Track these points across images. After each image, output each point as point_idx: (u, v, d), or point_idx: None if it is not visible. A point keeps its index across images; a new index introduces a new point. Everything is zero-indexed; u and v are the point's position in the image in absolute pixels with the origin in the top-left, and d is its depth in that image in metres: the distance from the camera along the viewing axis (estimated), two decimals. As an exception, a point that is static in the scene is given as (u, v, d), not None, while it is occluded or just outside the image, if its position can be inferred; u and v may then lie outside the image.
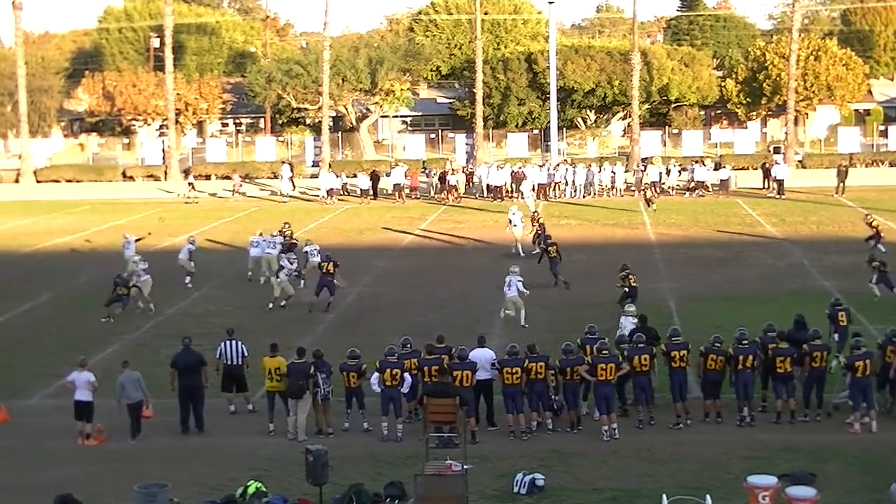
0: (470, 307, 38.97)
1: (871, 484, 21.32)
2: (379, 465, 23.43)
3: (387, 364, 25.43)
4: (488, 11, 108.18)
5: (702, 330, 28.72)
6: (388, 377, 25.27)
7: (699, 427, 25.54)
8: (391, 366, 25.36)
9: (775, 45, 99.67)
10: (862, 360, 24.98)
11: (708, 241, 52.05)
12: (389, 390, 25.31)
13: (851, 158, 78.95)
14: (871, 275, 38.12)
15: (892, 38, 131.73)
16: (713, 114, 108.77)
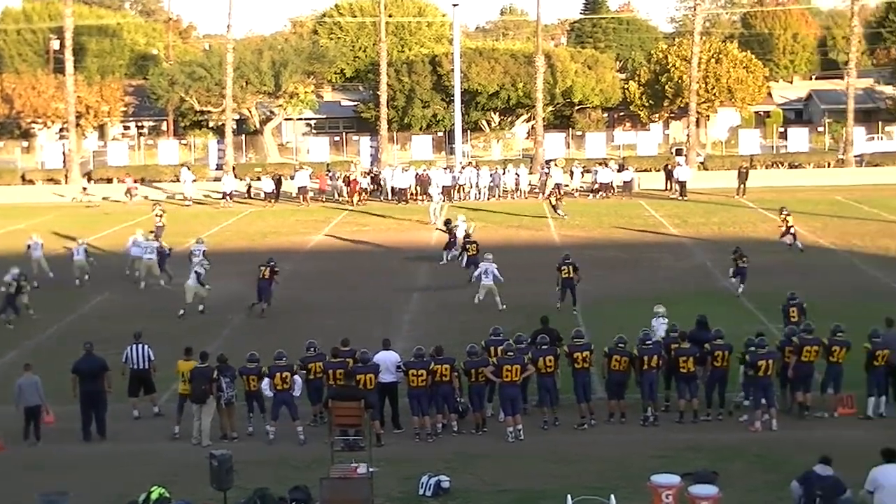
0: (377, 310, 38.86)
1: (773, 482, 21.54)
2: (284, 468, 23.27)
3: (277, 368, 25.28)
4: (392, 14, 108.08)
5: (606, 331, 28.83)
6: (279, 381, 25.13)
7: (604, 427, 25.67)
8: (281, 369, 25.21)
9: (677, 48, 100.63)
10: (765, 360, 25.24)
11: (611, 242, 52.37)
12: (281, 394, 25.17)
13: (752, 160, 79.93)
14: (732, 267, 39.99)
15: (791, 42, 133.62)
16: (616, 116, 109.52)
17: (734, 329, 30.41)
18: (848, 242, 50.35)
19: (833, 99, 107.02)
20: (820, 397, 26.28)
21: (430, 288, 42.68)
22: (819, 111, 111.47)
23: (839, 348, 25.88)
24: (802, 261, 46.34)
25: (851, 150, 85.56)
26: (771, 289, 40.09)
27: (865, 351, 25.82)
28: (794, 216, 53.07)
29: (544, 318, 28.65)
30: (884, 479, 18.15)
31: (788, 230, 47.76)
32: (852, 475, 19.44)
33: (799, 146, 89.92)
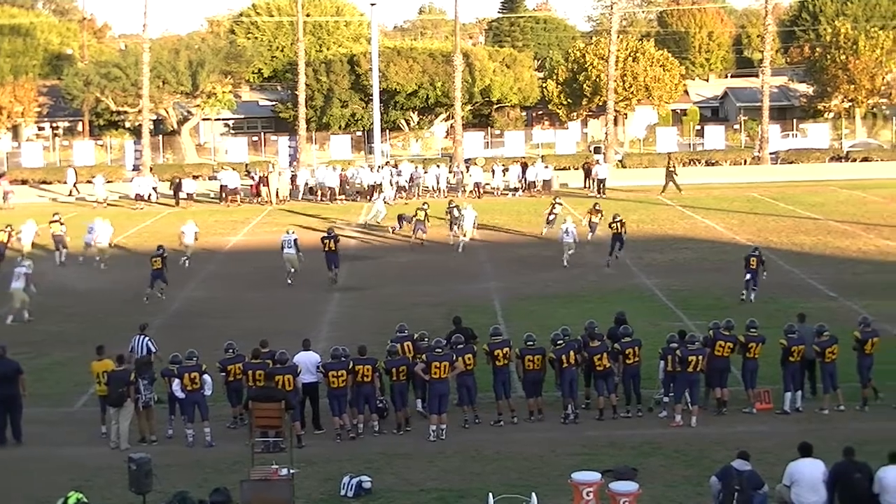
0: (297, 310, 38.72)
1: (692, 477, 21.73)
2: (204, 471, 23.11)
3: (185, 368, 25.10)
4: (310, 13, 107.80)
5: (527, 328, 28.91)
6: (188, 381, 24.96)
7: (525, 425, 25.74)
8: (189, 370, 25.04)
9: (594, 47, 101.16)
10: (696, 356, 25.44)
11: (532, 240, 52.52)
12: (192, 395, 25.01)
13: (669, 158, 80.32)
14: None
15: (707, 40, 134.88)
16: (535, 115, 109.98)
17: (654, 326, 30.69)
18: (764, 239, 50.84)
19: (748, 97, 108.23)
20: (745, 392, 26.53)
21: (351, 288, 42.59)
22: (735, 109, 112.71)
23: (755, 344, 26.13)
24: (719, 257, 46.80)
25: (767, 147, 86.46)
26: (688, 286, 40.66)
27: (781, 346, 26.07)
28: (711, 213, 53.60)
29: (456, 318, 28.66)
30: (800, 474, 18.39)
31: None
32: (770, 470, 19.69)
33: (715, 144, 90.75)
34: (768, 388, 26.42)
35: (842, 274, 42.53)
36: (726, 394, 26.22)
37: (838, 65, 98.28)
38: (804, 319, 27.92)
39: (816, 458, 18.66)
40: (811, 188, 68.88)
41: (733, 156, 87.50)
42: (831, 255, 46.96)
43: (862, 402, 26.19)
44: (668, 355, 25.82)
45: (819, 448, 19.17)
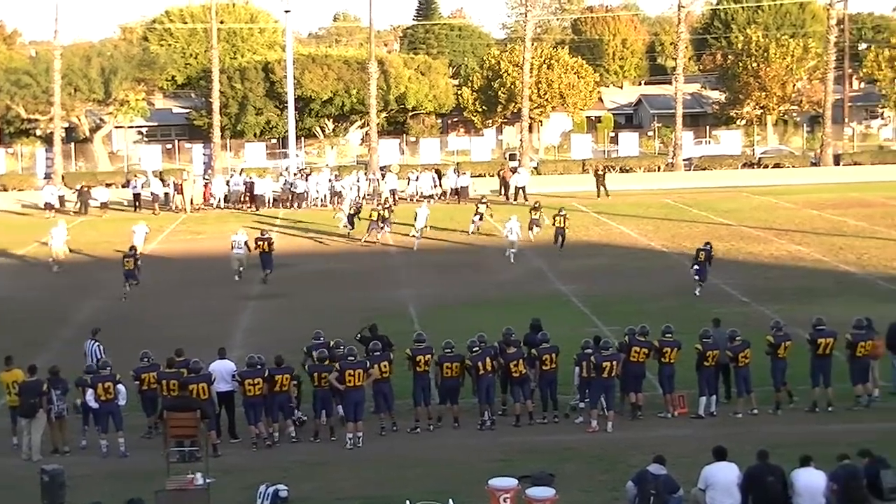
0: (213, 319, 38.45)
1: (608, 482, 21.82)
2: (118, 482, 22.83)
3: (98, 378, 24.83)
4: (224, 20, 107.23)
5: (443, 335, 28.90)
6: (102, 391, 24.68)
7: (441, 432, 25.74)
8: (102, 379, 24.77)
9: (509, 54, 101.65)
10: (609, 361, 25.56)
11: (449, 247, 52.57)
12: (106, 405, 24.73)
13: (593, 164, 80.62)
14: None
15: (621, 48, 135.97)
16: (450, 122, 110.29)
17: (569, 331, 30.80)
18: (678, 245, 51.28)
19: (662, 104, 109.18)
20: (661, 397, 26.70)
21: (268, 295, 42.40)
22: (648, 116, 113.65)
23: (670, 349, 26.31)
24: (634, 263, 47.14)
25: (680, 153, 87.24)
26: (604, 292, 40.88)
27: (696, 351, 26.27)
28: (626, 219, 53.94)
29: (373, 325, 28.60)
30: (715, 477, 18.54)
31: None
32: (685, 473, 19.83)
33: (629, 150, 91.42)
34: (683, 392, 26.60)
35: (754, 279, 42.96)
36: (641, 399, 26.39)
37: (750, 72, 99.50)
38: (719, 324, 28.16)
39: (731, 461, 18.82)
40: (724, 194, 69.53)
41: (647, 162, 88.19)
42: (744, 260, 47.43)
43: (775, 405, 26.46)
44: (582, 361, 25.93)
45: (733, 451, 19.34)
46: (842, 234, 53.27)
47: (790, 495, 18.38)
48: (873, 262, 45.75)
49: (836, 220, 58.22)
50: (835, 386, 26.56)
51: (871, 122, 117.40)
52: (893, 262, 45.73)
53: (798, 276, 43.60)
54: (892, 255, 47.07)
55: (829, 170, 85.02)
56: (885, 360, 27.72)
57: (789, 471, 18.60)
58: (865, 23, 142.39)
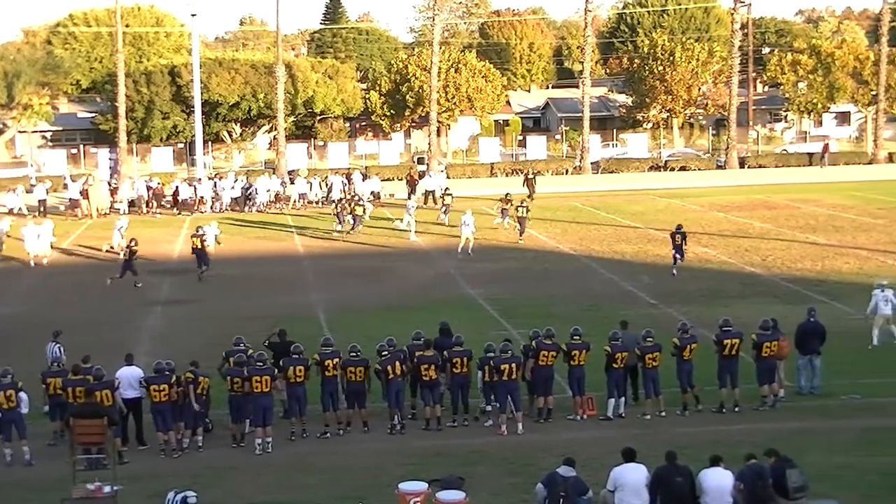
0: (122, 324, 38.05)
1: (518, 484, 21.85)
2: (23, 491, 22.53)
3: (0, 386, 24.43)
4: (129, 24, 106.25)
5: (352, 340, 28.76)
6: (4, 399, 24.29)
7: (352, 436, 25.63)
8: (4, 387, 24.36)
9: (417, 58, 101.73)
10: (508, 364, 25.59)
11: (358, 251, 52.50)
12: (8, 413, 24.32)
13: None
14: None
15: (528, 51, 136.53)
16: (358, 126, 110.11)
17: (477, 335, 30.80)
18: (586, 248, 51.59)
19: (569, 107, 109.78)
20: (571, 400, 26.77)
21: (176, 301, 42.05)
22: (556, 119, 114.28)
23: (578, 351, 26.40)
24: (543, 266, 47.34)
25: (588, 157, 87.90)
26: (511, 294, 41.05)
27: (605, 353, 26.39)
28: (535, 222, 54.18)
29: (282, 331, 28.41)
30: (623, 479, 18.61)
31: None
32: (594, 475, 19.92)
33: (537, 154, 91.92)
34: (592, 394, 26.71)
35: (662, 281, 43.30)
36: (551, 402, 26.45)
37: (656, 76, 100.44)
38: (626, 326, 28.31)
39: (640, 462, 18.91)
40: (631, 197, 70.08)
41: (555, 165, 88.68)
42: (651, 262, 47.79)
43: (682, 406, 26.64)
44: (485, 365, 25.96)
45: (642, 453, 19.44)
46: (747, 236, 53.88)
47: (698, 495, 18.51)
48: (778, 264, 46.30)
49: (742, 222, 58.89)
50: (742, 386, 26.80)
51: (774, 126, 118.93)
52: (798, 263, 46.33)
53: (705, 277, 44.02)
54: (797, 257, 47.68)
55: (734, 172, 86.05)
56: (791, 361, 28.03)
57: (697, 471, 18.73)
58: (769, 27, 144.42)
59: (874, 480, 21.76)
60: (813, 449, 23.41)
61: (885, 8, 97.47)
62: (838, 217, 58.87)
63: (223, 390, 25.68)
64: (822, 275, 43.81)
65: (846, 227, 55.72)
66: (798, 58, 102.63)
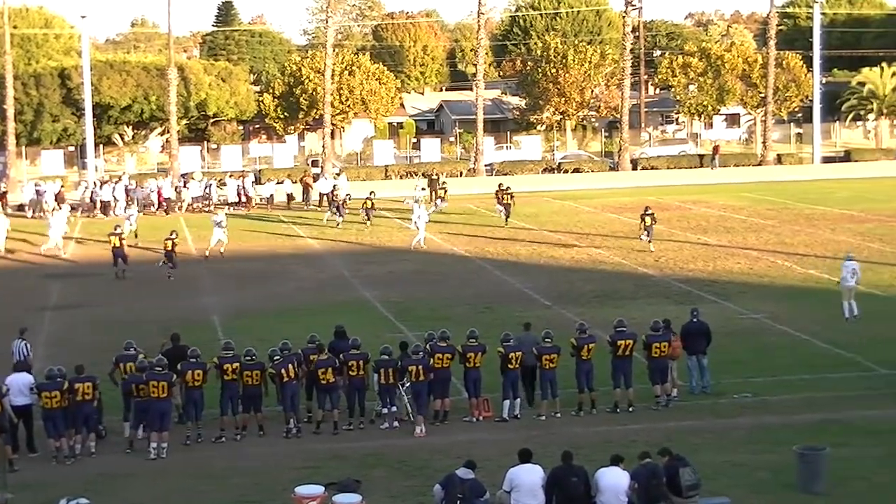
0: (10, 330, 37.36)
1: (415, 487, 21.86)
2: (-89, 502, 22.13)
3: None
4: (17, 25, 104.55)
5: (249, 343, 28.54)
6: None
7: (248, 440, 25.46)
8: None
9: (311, 60, 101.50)
10: (415, 365, 25.61)
11: (252, 255, 52.19)
12: None
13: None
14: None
15: (422, 54, 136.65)
16: (252, 128, 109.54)
17: (373, 338, 30.78)
18: (481, 249, 51.76)
19: (463, 110, 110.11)
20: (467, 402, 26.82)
21: (65, 306, 41.49)
22: (450, 121, 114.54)
23: (473, 353, 26.47)
24: (438, 268, 47.42)
25: (482, 159, 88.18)
26: (406, 297, 41.06)
27: (499, 354, 26.48)
28: (429, 224, 54.20)
29: (174, 335, 28.14)
30: (519, 479, 18.71)
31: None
32: (491, 477, 19.99)
33: (431, 156, 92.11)
34: (488, 396, 26.80)
35: (556, 283, 43.56)
36: (448, 404, 26.49)
37: (549, 78, 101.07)
38: (529, 328, 28.42)
39: (536, 463, 19.01)
40: (525, 199, 70.32)
41: (449, 168, 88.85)
42: (546, 264, 48.08)
43: (577, 406, 26.80)
44: (381, 368, 25.95)
45: (538, 454, 19.55)
46: (640, 237, 54.35)
47: (593, 495, 18.66)
48: (670, 265, 46.81)
49: (635, 223, 59.30)
50: (635, 387, 27.05)
51: (666, 128, 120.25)
52: (689, 264, 46.87)
53: (598, 279, 44.36)
54: (688, 257, 48.24)
55: (626, 174, 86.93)
56: (683, 361, 28.34)
57: (593, 471, 18.88)
58: (660, 30, 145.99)
59: (764, 477, 22.09)
60: (705, 447, 23.72)
61: (773, 12, 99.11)
62: (729, 218, 59.67)
63: (117, 396, 25.46)
64: (713, 275, 44.37)
65: (736, 227, 56.50)
66: (688, 61, 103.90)
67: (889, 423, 25.57)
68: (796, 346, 32.96)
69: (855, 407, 26.79)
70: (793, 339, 33.61)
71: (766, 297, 39.62)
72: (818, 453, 21.41)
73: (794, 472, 21.51)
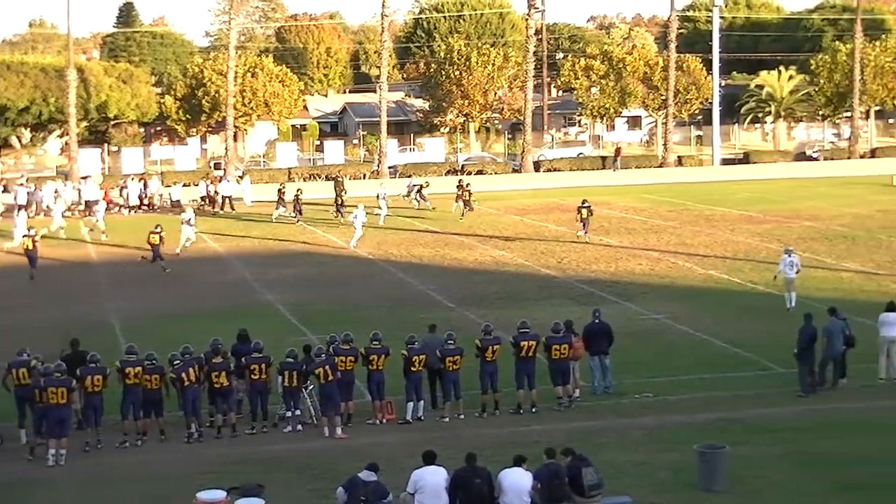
0: None
1: (319, 490, 21.78)
2: None
3: None
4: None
5: (150, 348, 28.29)
6: None
7: (149, 445, 25.23)
8: None
9: (213, 62, 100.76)
10: (322, 367, 25.51)
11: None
12: None
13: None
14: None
15: (325, 56, 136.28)
16: (153, 131, 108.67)
17: (276, 341, 30.64)
18: (384, 252, 51.72)
19: (367, 112, 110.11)
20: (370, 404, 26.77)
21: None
22: (354, 124, 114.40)
23: (377, 356, 26.43)
24: (340, 271, 47.33)
25: (385, 161, 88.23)
26: (309, 299, 40.93)
27: (402, 357, 26.47)
28: (332, 227, 54.07)
29: (74, 340, 27.78)
30: (423, 481, 18.70)
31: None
32: (394, 479, 19.97)
33: (335, 158, 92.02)
34: (391, 398, 26.77)
35: (460, 284, 43.63)
36: (351, 406, 26.44)
37: (452, 80, 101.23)
38: (434, 329, 28.41)
39: (440, 465, 19.02)
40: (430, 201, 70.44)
41: (353, 170, 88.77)
42: (449, 266, 48.16)
43: (481, 408, 26.85)
44: (285, 371, 25.85)
45: (442, 455, 19.56)
46: (543, 238, 54.67)
47: (497, 496, 18.70)
48: (573, 266, 47.08)
49: (538, 225, 59.78)
50: (539, 388, 27.16)
51: (569, 130, 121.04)
52: (592, 265, 47.18)
53: (502, 280, 44.51)
54: (590, 259, 48.55)
55: (529, 176, 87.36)
56: (586, 361, 28.50)
57: (496, 472, 18.92)
58: (562, 33, 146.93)
59: (665, 476, 22.27)
60: (608, 447, 23.89)
61: (673, 15, 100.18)
62: (630, 219, 60.16)
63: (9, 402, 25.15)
64: (615, 276, 44.71)
65: (638, 229, 56.98)
66: (590, 63, 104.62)
67: (786, 421, 25.93)
68: (696, 345, 33.33)
69: (753, 406, 27.13)
70: (693, 339, 33.98)
71: (667, 298, 39.99)
72: (718, 452, 21.64)
73: (694, 471, 21.73)
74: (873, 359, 29.01)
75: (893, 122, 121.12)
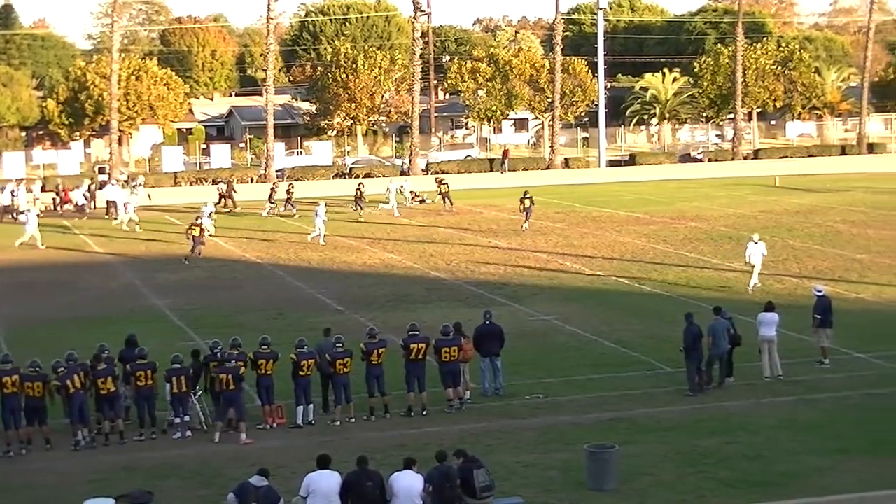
0: None
1: (209, 496, 21.63)
2: None
3: None
4: None
5: (35, 355, 27.83)
6: None
7: (36, 454, 24.82)
8: None
9: (96, 65, 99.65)
10: (225, 374, 25.31)
11: (39, 263, 51.02)
12: None
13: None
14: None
15: (210, 59, 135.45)
16: (35, 135, 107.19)
17: (165, 346, 30.37)
18: (272, 255, 51.48)
19: (253, 115, 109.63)
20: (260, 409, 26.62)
21: None
22: (240, 127, 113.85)
23: (265, 360, 26.29)
24: (230, 275, 47.04)
25: (273, 164, 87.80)
26: (198, 304, 40.61)
27: (291, 361, 26.35)
28: (219, 231, 53.67)
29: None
30: (316, 485, 18.66)
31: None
32: (285, 483, 19.93)
33: (221, 162, 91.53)
34: (281, 403, 26.63)
35: (349, 288, 43.57)
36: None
37: (339, 83, 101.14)
38: (329, 333, 28.28)
39: (333, 469, 18.97)
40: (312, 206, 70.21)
41: (240, 174, 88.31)
42: (338, 269, 48.05)
43: (369, 411, 26.81)
44: (172, 377, 25.63)
45: (334, 459, 19.49)
46: (431, 241, 54.80)
47: (388, 499, 18.71)
48: (462, 268, 47.22)
49: (427, 227, 59.88)
50: (429, 390, 27.19)
51: (456, 132, 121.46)
52: (481, 267, 47.35)
53: (391, 283, 44.53)
54: (479, 260, 48.74)
55: (417, 178, 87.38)
56: (476, 363, 28.60)
57: (388, 475, 18.92)
58: (448, 36, 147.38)
59: (555, 476, 22.43)
60: (499, 448, 24.00)
61: (559, 18, 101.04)
62: (518, 221, 60.44)
63: None
64: (504, 278, 44.92)
65: (526, 230, 57.26)
66: (477, 66, 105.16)
67: (673, 419, 26.24)
68: (585, 346, 33.60)
69: (642, 405, 27.42)
70: (582, 340, 34.26)
71: (556, 299, 40.28)
72: (607, 451, 21.85)
73: (583, 471, 21.91)
74: (759, 358, 29.49)
75: (775, 124, 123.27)
